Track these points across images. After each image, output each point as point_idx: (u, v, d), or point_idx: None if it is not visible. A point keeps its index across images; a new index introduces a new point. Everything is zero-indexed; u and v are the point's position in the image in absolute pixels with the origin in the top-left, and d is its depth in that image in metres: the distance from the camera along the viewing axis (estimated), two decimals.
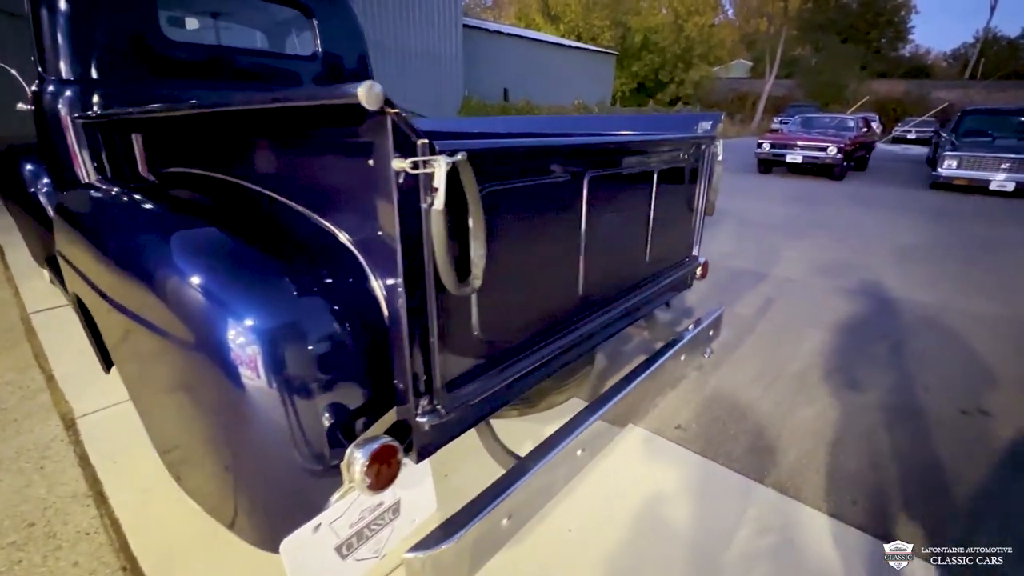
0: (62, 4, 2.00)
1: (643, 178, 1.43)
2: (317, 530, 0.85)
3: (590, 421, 1.21)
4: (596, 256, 1.30)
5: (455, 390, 0.97)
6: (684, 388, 2.51)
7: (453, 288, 0.85)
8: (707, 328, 1.89)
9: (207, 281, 0.90)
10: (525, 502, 1.05)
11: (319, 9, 2.74)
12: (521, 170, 0.99)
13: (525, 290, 1.10)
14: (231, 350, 0.85)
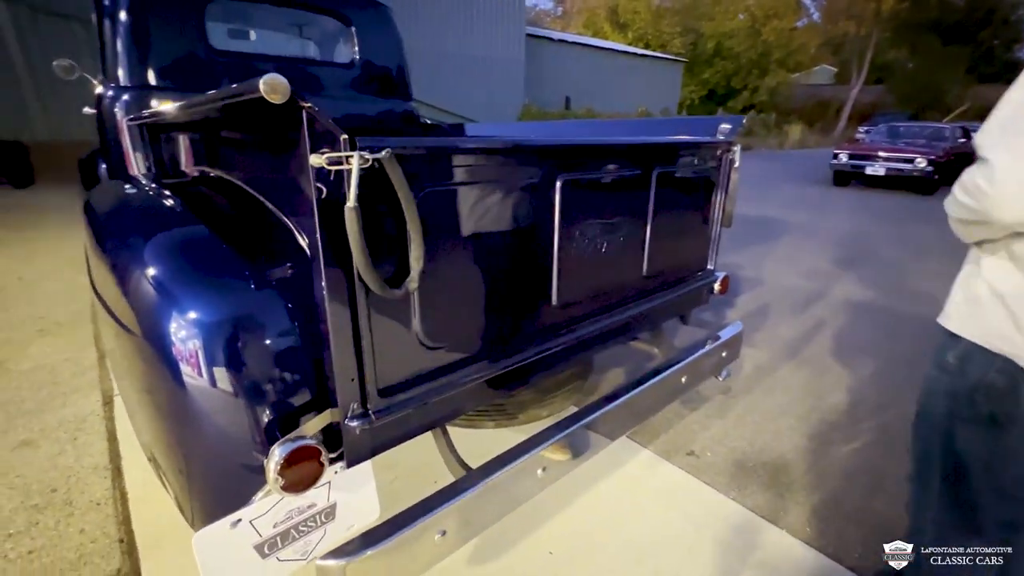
0: (122, 16, 2.19)
1: (636, 184, 1.34)
2: (236, 526, 0.85)
3: (551, 440, 1.13)
4: (573, 266, 1.22)
5: (392, 395, 0.94)
6: (705, 412, 2.34)
7: (380, 290, 0.82)
8: (720, 348, 1.74)
9: (157, 276, 0.94)
10: (466, 518, 1.00)
11: (357, 18, 2.84)
12: (471, 171, 0.95)
13: (482, 298, 1.05)
14: (170, 342, 0.88)
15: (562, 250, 1.18)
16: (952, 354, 0.96)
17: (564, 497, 1.77)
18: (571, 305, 1.25)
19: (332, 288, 0.81)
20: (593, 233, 1.24)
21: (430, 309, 0.96)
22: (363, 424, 0.90)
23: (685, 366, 1.54)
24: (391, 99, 3.14)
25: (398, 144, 0.80)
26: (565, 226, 1.16)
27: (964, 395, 0.94)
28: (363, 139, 0.77)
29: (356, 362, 0.87)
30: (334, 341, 0.83)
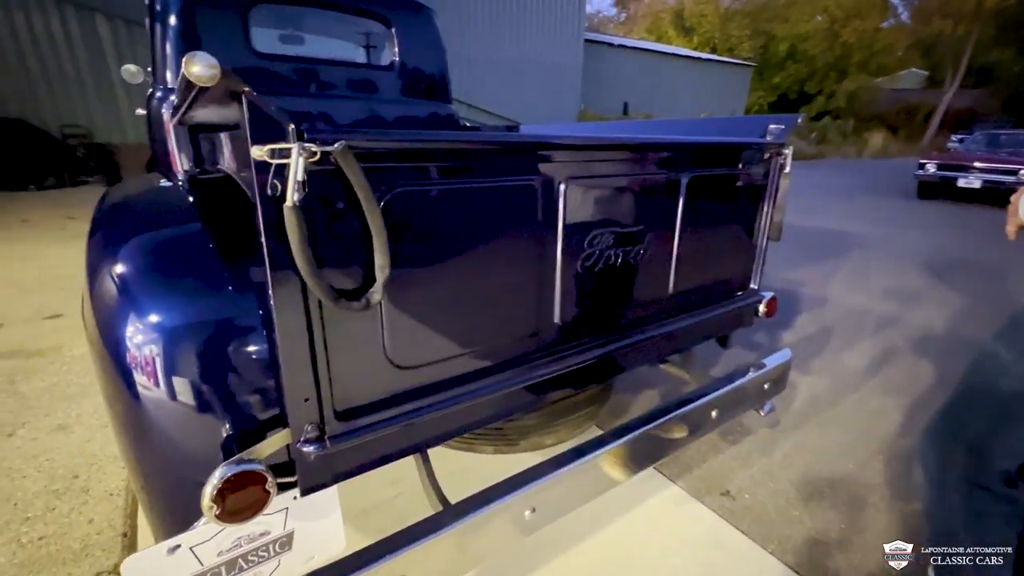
0: (171, 20, 2.27)
1: (661, 190, 1.17)
2: (173, 552, 0.78)
3: (545, 478, 0.99)
4: (578, 282, 1.08)
5: (353, 419, 0.84)
6: (747, 446, 2.10)
7: (330, 300, 0.73)
8: (762, 378, 1.53)
9: (117, 273, 0.89)
10: (437, 562, 0.88)
11: (397, 21, 2.82)
12: (452, 170, 0.84)
13: (465, 314, 0.93)
14: (124, 347, 0.82)
15: (565, 263, 1.04)
16: None
17: (574, 531, 1.61)
18: (574, 325, 1.10)
19: (281, 298, 0.72)
20: (604, 244, 1.09)
21: (402, 324, 0.85)
22: (318, 450, 0.80)
23: (716, 398, 1.35)
24: (431, 101, 3.10)
25: (358, 137, 0.70)
26: (569, 236, 1.02)
27: None
28: (315, 131, 0.67)
29: (311, 381, 0.78)
30: (283, 356, 0.74)
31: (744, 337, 3.06)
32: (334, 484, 0.86)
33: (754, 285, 1.57)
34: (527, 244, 0.97)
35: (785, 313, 3.54)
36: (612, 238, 1.10)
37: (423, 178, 0.82)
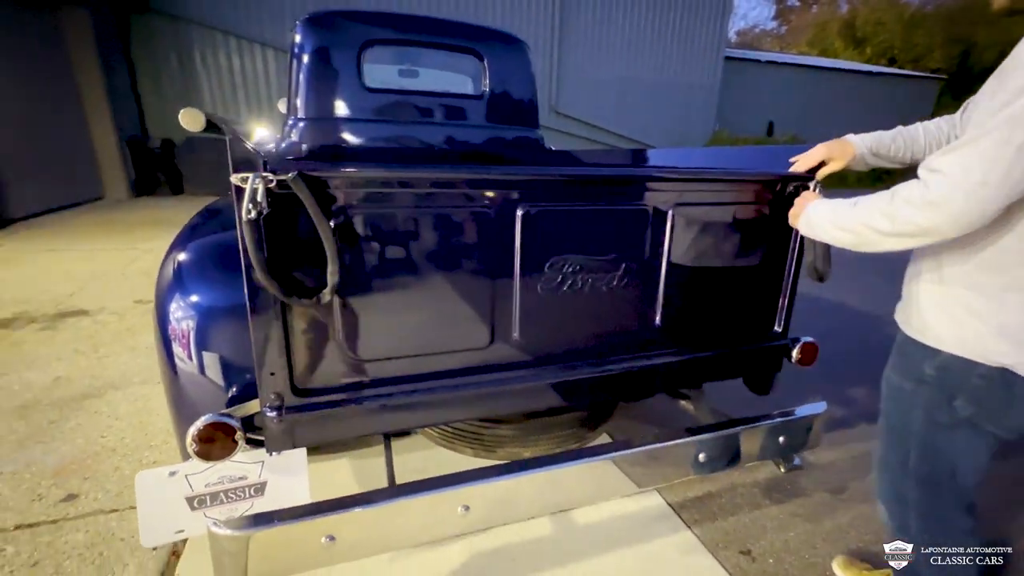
0: (304, 59, 2.77)
1: (640, 222, 1.18)
2: (173, 475, 1.03)
3: (474, 482, 1.07)
4: (540, 304, 1.14)
5: (310, 396, 1.02)
6: (791, 507, 1.88)
7: (281, 297, 0.92)
8: (779, 428, 1.40)
9: (172, 265, 1.20)
10: (361, 532, 1.02)
11: (489, 54, 3.08)
12: (402, 197, 0.98)
13: (417, 321, 1.06)
14: (167, 318, 1.11)
15: (522, 286, 1.11)
16: (930, 365, 1.02)
17: (565, 553, 1.63)
18: (535, 345, 1.16)
19: (252, 293, 0.93)
20: (566, 271, 1.13)
21: (355, 323, 1.02)
22: (278, 416, 1.00)
23: (701, 441, 1.28)
24: (518, 127, 3.30)
25: (311, 167, 0.89)
26: (530, 261, 1.10)
27: (943, 403, 1.01)
28: (283, 163, 0.87)
29: (275, 360, 0.97)
30: (254, 338, 0.95)
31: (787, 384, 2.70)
32: (295, 448, 1.05)
33: (778, 328, 1.45)
34: (474, 265, 1.07)
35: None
36: (575, 266, 1.14)
37: (376, 201, 0.97)
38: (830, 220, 1.02)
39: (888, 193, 0.90)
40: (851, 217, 0.97)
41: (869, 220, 0.92)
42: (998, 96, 0.79)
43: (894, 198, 0.88)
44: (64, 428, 2.20)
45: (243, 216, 0.85)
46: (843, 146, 1.23)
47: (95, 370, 2.70)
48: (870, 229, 0.92)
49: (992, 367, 0.93)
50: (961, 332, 0.96)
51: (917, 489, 1.11)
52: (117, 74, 8.35)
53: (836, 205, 1.02)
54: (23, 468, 1.94)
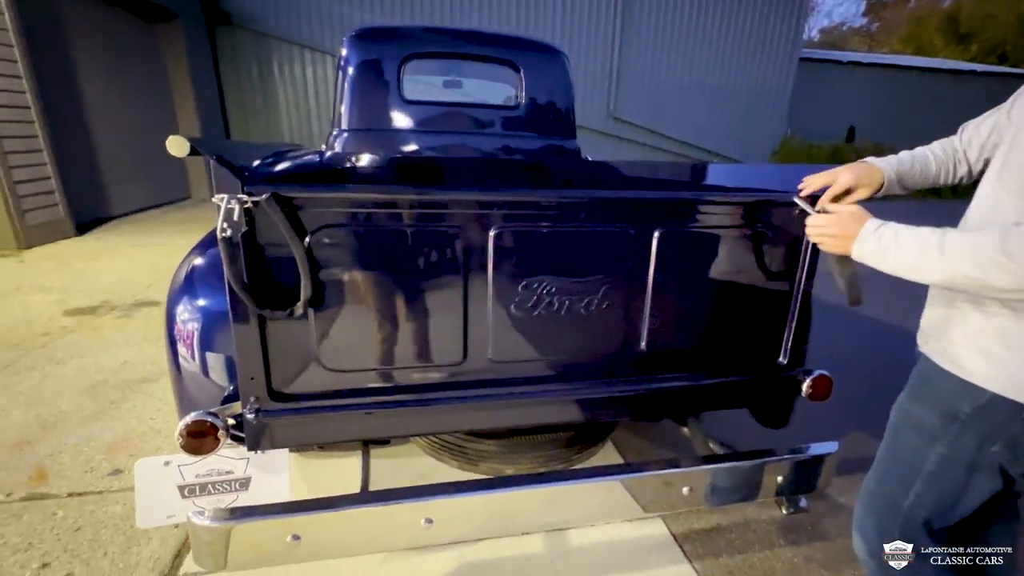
0: (349, 71, 2.92)
1: (619, 244, 1.15)
2: (167, 465, 1.13)
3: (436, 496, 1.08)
4: (517, 325, 1.14)
5: (286, 401, 1.09)
6: (810, 552, 1.74)
7: (255, 309, 0.98)
8: (776, 467, 1.32)
9: (187, 268, 1.31)
10: (325, 534, 1.07)
11: (526, 66, 3.10)
12: (373, 216, 1.02)
13: (388, 335, 1.09)
14: (170, 317, 1.23)
15: (498, 307, 1.12)
16: (969, 403, 0.94)
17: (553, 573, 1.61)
18: (499, 367, 1.16)
19: (233, 303, 1.00)
20: (544, 291, 1.13)
21: (328, 336, 1.07)
22: (257, 417, 1.07)
23: (687, 473, 1.23)
24: (553, 137, 3.30)
25: (284, 189, 0.95)
26: (498, 282, 1.10)
27: (975, 444, 0.95)
28: (258, 185, 0.94)
29: (254, 366, 1.05)
30: (236, 345, 1.03)
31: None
32: (273, 448, 1.12)
33: (783, 360, 1.36)
34: (445, 284, 1.09)
35: None
36: (551, 287, 1.14)
37: (347, 220, 1.02)
38: (907, 265, 0.89)
39: (996, 237, 0.77)
40: (944, 266, 0.84)
41: (978, 274, 0.80)
42: None
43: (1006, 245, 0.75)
44: (122, 408, 2.46)
45: (219, 234, 0.92)
46: (870, 171, 1.13)
47: (156, 357, 2.99)
48: (978, 284, 0.81)
49: None
50: (1012, 371, 0.88)
51: (907, 526, 1.06)
52: (205, 84, 9.18)
53: (914, 243, 0.88)
54: (83, 442, 2.19)
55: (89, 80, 6.47)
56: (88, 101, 6.46)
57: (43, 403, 2.46)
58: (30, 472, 1.98)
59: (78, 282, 4.27)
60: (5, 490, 1.88)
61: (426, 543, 1.12)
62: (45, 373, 2.75)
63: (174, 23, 8.24)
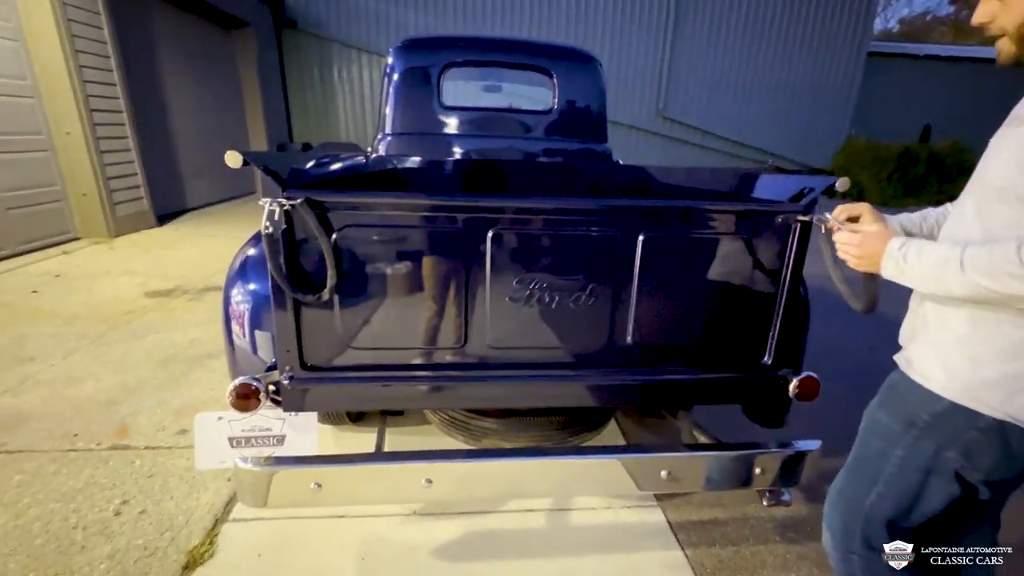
0: (394, 80, 3.15)
1: (606, 246, 1.27)
2: (220, 419, 1.36)
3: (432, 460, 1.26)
4: (512, 315, 1.29)
5: (316, 371, 1.29)
6: (805, 550, 1.79)
7: (291, 293, 1.19)
8: (767, 460, 1.40)
9: (242, 257, 1.55)
10: (342, 484, 1.27)
11: (559, 72, 3.23)
12: (387, 217, 1.20)
13: (402, 320, 1.28)
14: (226, 297, 1.47)
15: (493, 299, 1.27)
16: (927, 411, 1.01)
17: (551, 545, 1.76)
18: (496, 352, 1.32)
19: (274, 288, 1.22)
20: (536, 286, 1.28)
21: (350, 318, 1.27)
22: (291, 384, 1.28)
23: (661, 459, 1.34)
24: (586, 141, 3.41)
25: (316, 195, 1.15)
26: (495, 275, 1.26)
27: (931, 450, 1.01)
28: (294, 191, 1.14)
29: (289, 340, 1.26)
30: (275, 322, 1.25)
31: None
32: (304, 411, 1.33)
33: (767, 360, 1.44)
34: (450, 276, 1.26)
35: None
36: (542, 283, 1.28)
37: (367, 220, 1.21)
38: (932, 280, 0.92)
39: (1012, 249, 0.80)
40: (965, 280, 0.86)
41: (998, 285, 0.82)
42: None
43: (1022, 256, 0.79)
44: (189, 379, 2.81)
45: (262, 231, 1.14)
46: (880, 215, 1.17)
47: (219, 337, 3.36)
48: (1000, 295, 0.84)
49: (993, 419, 0.93)
50: (970, 381, 0.94)
51: (869, 524, 1.13)
52: (271, 86, 9.85)
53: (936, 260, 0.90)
54: (156, 405, 2.54)
55: (170, 83, 7.16)
56: (169, 102, 7.15)
57: (126, 370, 2.86)
58: (115, 427, 2.34)
59: (157, 267, 4.79)
60: (96, 440, 2.24)
61: (426, 500, 1.31)
62: (128, 346, 3.17)
63: (246, 30, 8.91)
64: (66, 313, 3.62)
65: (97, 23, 5.44)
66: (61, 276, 4.41)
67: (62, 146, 5.26)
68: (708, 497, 2.02)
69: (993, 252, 0.83)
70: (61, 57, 5.01)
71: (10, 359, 2.93)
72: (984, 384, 0.93)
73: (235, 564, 1.64)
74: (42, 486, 1.95)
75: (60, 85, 5.09)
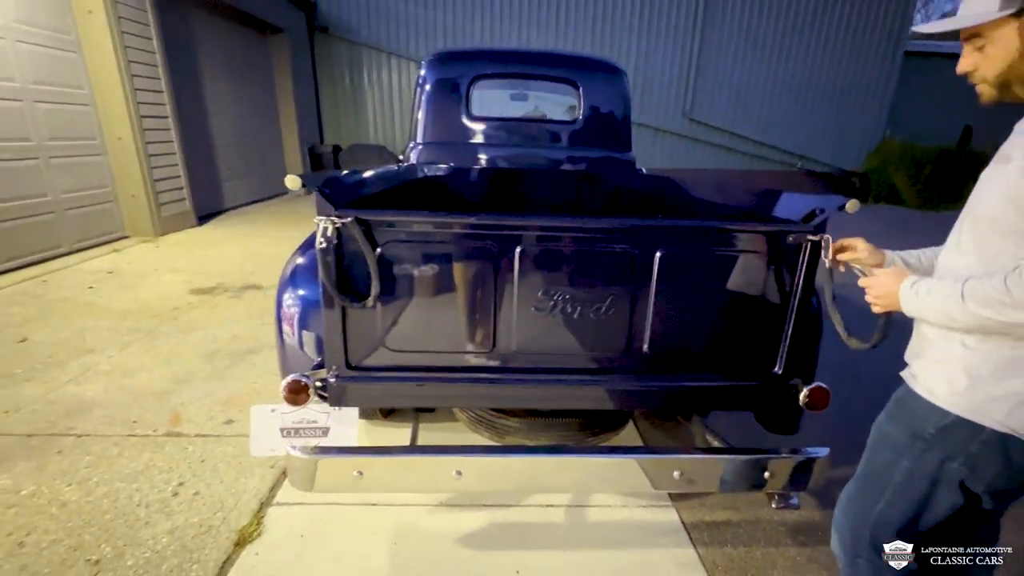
0: (426, 91, 3.30)
1: (624, 262, 1.37)
2: (273, 411, 1.52)
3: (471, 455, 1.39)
4: (536, 323, 1.40)
5: (359, 371, 1.43)
6: (817, 554, 1.86)
7: (340, 302, 1.33)
8: (762, 464, 1.48)
9: (292, 263, 1.71)
10: (380, 473, 1.40)
11: (584, 83, 3.32)
12: (425, 233, 1.33)
13: (436, 327, 1.40)
14: (278, 300, 1.63)
15: (520, 308, 1.39)
16: (933, 424, 1.08)
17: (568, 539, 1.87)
18: (521, 357, 1.43)
19: (324, 295, 1.36)
20: (560, 297, 1.39)
21: (390, 324, 1.40)
22: (337, 382, 1.43)
23: (674, 460, 1.44)
24: (610, 150, 3.49)
25: (363, 213, 1.28)
26: (522, 286, 1.37)
27: (936, 461, 1.09)
28: (344, 210, 1.28)
29: (337, 342, 1.40)
30: (324, 326, 1.39)
31: None
32: (347, 406, 1.47)
33: (778, 370, 1.52)
34: (487, 287, 1.38)
35: None
36: (565, 294, 1.39)
37: (409, 235, 1.34)
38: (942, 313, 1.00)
39: (999, 280, 0.89)
40: (966, 311, 0.95)
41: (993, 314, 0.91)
42: None
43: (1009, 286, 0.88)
44: (233, 372, 3.02)
45: (317, 244, 1.28)
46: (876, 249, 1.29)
47: (258, 333, 3.57)
48: (999, 323, 0.91)
49: (995, 432, 1.00)
50: (974, 396, 1.01)
51: (876, 530, 1.20)
52: (304, 89, 10.19)
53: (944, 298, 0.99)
54: (204, 396, 2.74)
55: (210, 88, 7.50)
56: (209, 106, 7.49)
57: (176, 363, 3.08)
58: (169, 415, 2.55)
59: (200, 266, 5.07)
60: (152, 427, 2.45)
61: (455, 490, 1.43)
62: (177, 340, 3.40)
63: (281, 36, 9.24)
64: (120, 308, 3.89)
65: (147, 34, 5.77)
66: (113, 273, 4.72)
67: (114, 150, 5.60)
68: (721, 499, 2.10)
69: (986, 284, 0.92)
70: (115, 67, 5.34)
71: (73, 350, 3.19)
72: (987, 399, 1.00)
73: (280, 543, 1.80)
74: (107, 467, 2.16)
75: (113, 93, 5.43)
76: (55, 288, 4.27)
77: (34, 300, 3.98)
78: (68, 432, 2.38)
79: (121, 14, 5.36)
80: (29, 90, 4.71)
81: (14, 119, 4.60)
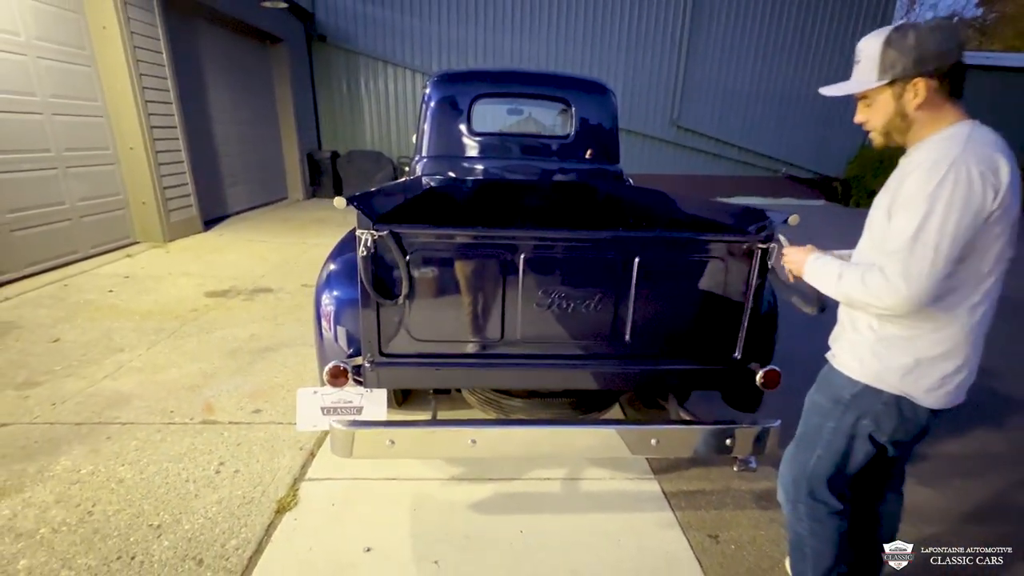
0: (431, 106, 3.60)
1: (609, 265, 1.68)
2: (315, 393, 1.80)
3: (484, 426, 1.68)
4: (537, 317, 1.70)
5: (390, 358, 1.72)
6: (779, 515, 2.17)
7: (376, 299, 1.62)
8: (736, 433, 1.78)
9: (328, 268, 2.00)
10: (409, 441, 1.69)
11: (576, 102, 3.64)
12: (446, 243, 1.63)
13: (454, 320, 1.70)
14: (317, 298, 1.92)
15: (524, 303, 1.69)
16: (848, 391, 1.37)
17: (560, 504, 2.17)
18: (532, 346, 1.73)
19: (362, 294, 1.65)
20: (557, 295, 1.69)
21: (416, 318, 1.69)
22: (372, 367, 1.72)
23: (650, 430, 1.74)
24: (599, 163, 3.81)
25: (397, 227, 1.58)
26: (525, 286, 1.67)
27: (853, 419, 1.38)
28: (381, 225, 1.57)
29: (372, 332, 1.69)
30: (361, 320, 1.68)
31: None
32: (379, 387, 1.76)
33: (737, 355, 1.82)
34: (496, 287, 1.68)
35: None
36: (562, 293, 1.69)
37: (433, 245, 1.64)
38: (825, 286, 1.33)
39: (861, 272, 1.21)
40: (839, 289, 1.28)
41: (858, 295, 1.23)
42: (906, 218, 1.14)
43: (866, 285, 1.19)
44: (255, 368, 3.28)
45: (359, 253, 1.57)
46: None
47: (274, 332, 3.84)
48: (861, 302, 1.24)
49: (891, 395, 1.32)
50: (875, 368, 1.32)
51: (812, 479, 1.50)
52: (302, 97, 10.44)
53: (828, 274, 1.31)
54: (232, 389, 3.01)
55: (214, 96, 7.75)
56: (213, 114, 7.74)
57: (202, 360, 3.34)
58: (202, 406, 2.81)
59: (210, 270, 5.32)
60: (188, 416, 2.72)
61: (470, 456, 1.72)
62: (199, 339, 3.66)
63: (281, 45, 9.50)
64: (141, 310, 4.14)
65: (157, 48, 6.02)
66: (130, 277, 4.96)
67: (126, 160, 5.83)
68: (697, 472, 2.41)
69: (854, 273, 1.25)
70: (127, 79, 5.58)
71: (104, 349, 3.44)
72: (885, 370, 1.31)
73: (315, 510, 2.08)
74: (154, 450, 2.42)
75: (125, 105, 5.67)
76: (76, 291, 4.50)
77: (59, 303, 4.22)
78: (113, 421, 2.63)
79: (133, 29, 5.61)
80: (48, 103, 4.94)
81: (35, 132, 4.83)
